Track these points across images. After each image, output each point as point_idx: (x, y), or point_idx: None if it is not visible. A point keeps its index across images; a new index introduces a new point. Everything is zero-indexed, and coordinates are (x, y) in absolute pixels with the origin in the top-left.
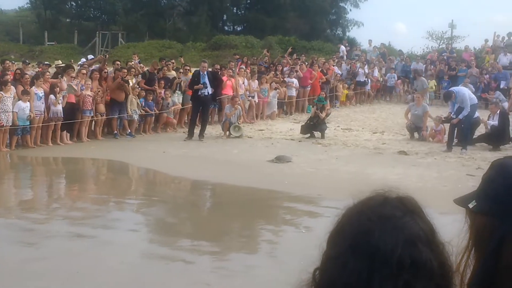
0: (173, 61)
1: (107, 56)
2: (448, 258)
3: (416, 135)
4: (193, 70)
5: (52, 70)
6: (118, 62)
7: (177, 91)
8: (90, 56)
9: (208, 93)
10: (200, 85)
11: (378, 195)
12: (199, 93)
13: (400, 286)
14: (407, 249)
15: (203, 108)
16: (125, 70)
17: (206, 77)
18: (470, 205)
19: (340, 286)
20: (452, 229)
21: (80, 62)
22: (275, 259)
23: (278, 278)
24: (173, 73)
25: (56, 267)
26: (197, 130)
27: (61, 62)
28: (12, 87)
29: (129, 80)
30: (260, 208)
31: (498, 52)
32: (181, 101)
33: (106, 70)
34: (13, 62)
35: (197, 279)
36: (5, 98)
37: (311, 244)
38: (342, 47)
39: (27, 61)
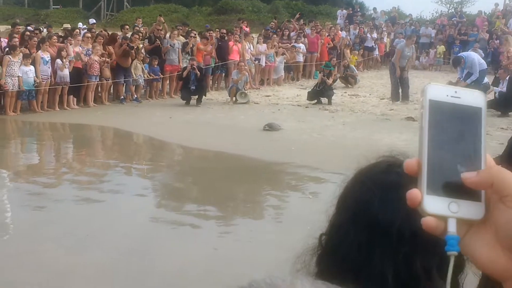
0: (180, 27)
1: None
2: None
3: (400, 97)
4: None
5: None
6: (127, 26)
7: (187, 56)
8: (92, 21)
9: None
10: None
11: (383, 161)
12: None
13: (400, 260)
14: (408, 221)
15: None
16: (137, 36)
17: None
18: None
19: (340, 256)
20: None
21: (80, 25)
22: (281, 224)
23: (284, 243)
24: (181, 39)
25: (66, 231)
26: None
27: (69, 27)
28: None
29: (137, 46)
30: (265, 174)
31: (508, 16)
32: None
33: (118, 36)
34: (30, 28)
35: (204, 243)
36: (12, 62)
37: (317, 209)
38: (340, 12)
39: (40, 27)
